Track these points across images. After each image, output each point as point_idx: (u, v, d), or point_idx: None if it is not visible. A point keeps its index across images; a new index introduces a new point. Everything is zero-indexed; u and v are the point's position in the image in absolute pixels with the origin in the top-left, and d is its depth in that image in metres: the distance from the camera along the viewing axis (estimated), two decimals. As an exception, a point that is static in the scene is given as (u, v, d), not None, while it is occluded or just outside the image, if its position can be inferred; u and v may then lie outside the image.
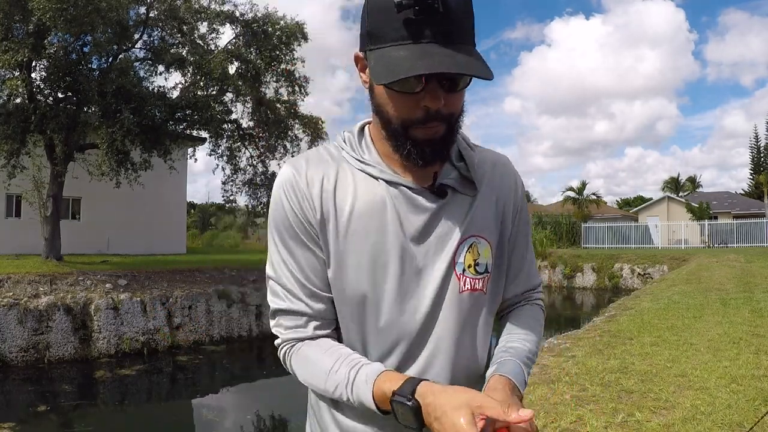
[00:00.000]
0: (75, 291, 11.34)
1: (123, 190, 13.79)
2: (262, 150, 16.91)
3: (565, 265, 23.70)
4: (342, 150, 1.01)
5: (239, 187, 16.99)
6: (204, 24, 14.73)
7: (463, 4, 0.86)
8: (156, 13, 14.01)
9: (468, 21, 0.87)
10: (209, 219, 44.55)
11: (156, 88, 14.34)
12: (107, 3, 11.48)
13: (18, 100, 12.34)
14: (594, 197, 37.85)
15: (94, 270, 12.60)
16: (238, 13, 15.07)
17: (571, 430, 3.30)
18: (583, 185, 38.51)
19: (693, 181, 49.77)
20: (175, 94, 14.44)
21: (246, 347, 13.15)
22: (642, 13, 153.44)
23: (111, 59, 13.44)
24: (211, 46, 14.87)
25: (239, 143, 16.63)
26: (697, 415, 3.45)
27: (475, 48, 0.88)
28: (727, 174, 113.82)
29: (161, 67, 14.83)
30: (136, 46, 14.39)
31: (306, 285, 0.97)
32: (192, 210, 43.23)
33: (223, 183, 16.82)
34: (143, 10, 13.94)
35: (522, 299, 1.13)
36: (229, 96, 15.24)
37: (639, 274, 21.66)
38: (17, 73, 11.82)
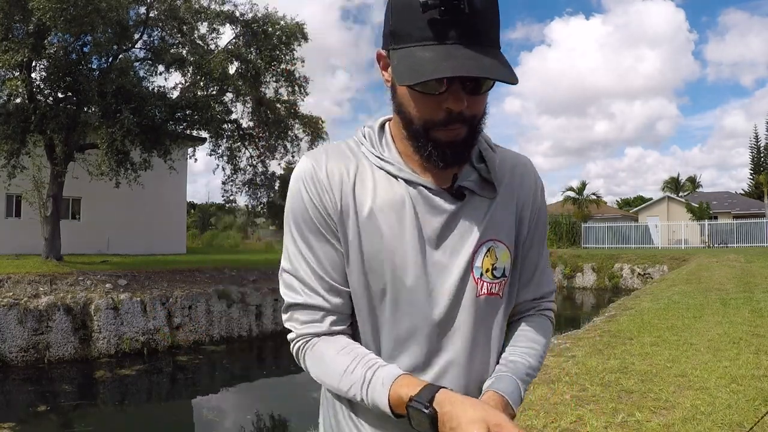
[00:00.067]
0: (75, 291, 11.34)
1: (123, 190, 13.79)
2: (262, 150, 16.92)
3: (565, 265, 23.70)
4: (361, 145, 0.99)
5: (239, 187, 17.03)
6: (204, 24, 14.75)
7: (490, 5, 0.84)
8: (156, 13, 14.01)
9: (494, 23, 0.85)
10: (209, 219, 44.56)
11: (156, 88, 14.37)
12: (107, 3, 11.48)
13: (18, 100, 12.35)
14: (594, 197, 37.82)
15: (94, 270, 12.60)
16: (238, 13, 15.11)
17: (571, 430, 3.30)
18: (583, 185, 38.48)
19: (693, 181, 49.72)
20: (175, 94, 14.46)
21: (246, 347, 13.15)
22: (642, 13, 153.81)
23: (111, 59, 13.45)
24: (211, 46, 14.89)
25: (239, 143, 16.64)
26: (697, 415, 3.45)
27: (500, 50, 0.87)
28: (727, 174, 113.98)
29: (161, 67, 14.85)
30: (136, 46, 14.41)
31: (324, 278, 0.95)
32: (192, 210, 43.22)
33: (223, 183, 16.87)
34: (143, 10, 13.95)
35: (531, 307, 1.09)
36: (229, 96, 15.26)
37: (639, 274, 21.66)
38: (17, 73, 11.83)
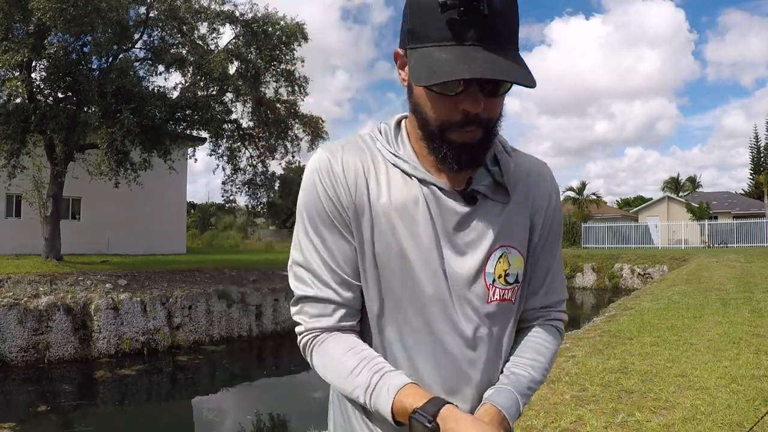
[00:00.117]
0: (75, 291, 11.34)
1: (123, 190, 13.79)
2: (262, 150, 16.91)
3: (565, 265, 23.68)
4: (377, 141, 0.98)
5: (239, 187, 17.01)
6: (204, 24, 14.74)
7: (509, 6, 0.83)
8: (156, 13, 14.01)
9: (513, 24, 0.85)
10: (209, 219, 44.61)
11: (156, 88, 14.35)
12: (107, 3, 11.48)
13: (18, 100, 12.34)
14: (594, 197, 37.84)
15: (94, 270, 12.60)
16: (238, 13, 15.09)
17: (571, 430, 3.30)
18: (583, 185, 38.50)
19: (693, 181, 49.70)
20: (175, 94, 14.46)
21: (246, 347, 13.14)
22: (642, 13, 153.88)
23: (111, 59, 13.44)
24: (211, 46, 14.88)
25: (239, 143, 16.63)
26: (697, 415, 3.45)
27: (518, 52, 0.86)
28: (727, 174, 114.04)
29: (161, 67, 14.84)
30: (136, 46, 14.41)
31: (337, 272, 0.94)
32: (192, 210, 43.25)
33: (223, 183, 16.85)
34: (143, 10, 13.94)
35: (540, 315, 1.06)
36: (229, 96, 15.25)
37: (639, 274, 21.66)
38: (17, 73, 11.83)
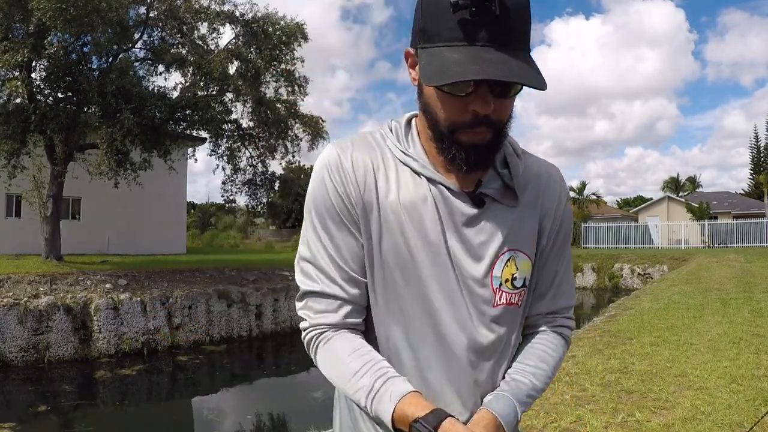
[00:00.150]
0: (75, 291, 11.34)
1: (123, 190, 13.80)
2: (262, 150, 16.92)
3: (566, 265, 23.66)
4: (386, 138, 0.98)
5: (239, 187, 17.03)
6: (204, 24, 14.74)
7: (521, 7, 0.83)
8: (156, 13, 14.01)
9: (525, 25, 0.84)
10: (209, 219, 44.63)
11: (156, 88, 14.36)
12: (107, 3, 11.48)
13: (18, 100, 12.34)
14: (594, 197, 37.85)
15: (94, 270, 12.60)
16: (238, 13, 15.11)
17: (571, 430, 3.29)
18: (583, 185, 38.52)
19: (693, 181, 49.70)
20: (175, 94, 14.46)
21: (246, 347, 13.14)
22: (642, 13, 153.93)
23: (111, 59, 13.44)
24: (211, 46, 14.89)
25: (239, 143, 16.63)
26: (697, 415, 3.45)
27: (530, 53, 0.85)
28: (727, 174, 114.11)
29: (161, 67, 14.85)
30: (136, 46, 14.41)
31: (344, 268, 0.94)
32: (192, 210, 43.27)
33: (223, 183, 16.87)
34: (143, 10, 13.94)
35: (546, 321, 1.05)
36: (229, 96, 15.25)
37: (639, 274, 21.65)
38: (17, 74, 11.84)
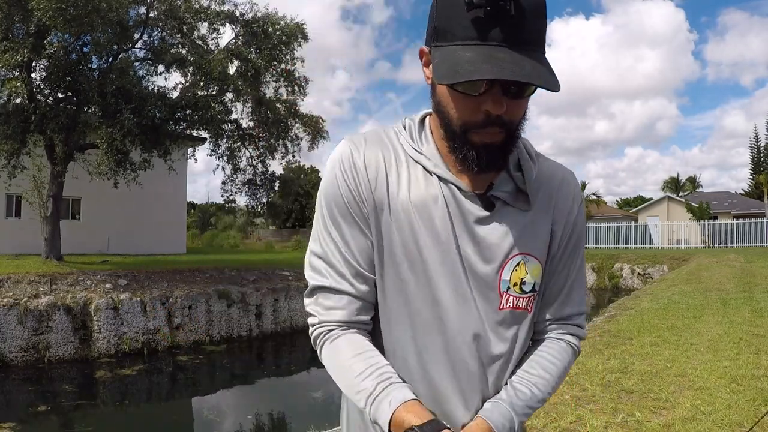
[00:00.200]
0: (75, 291, 11.34)
1: (123, 190, 13.80)
2: (262, 150, 16.92)
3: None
4: (400, 136, 0.97)
5: (239, 187, 17.04)
6: (204, 24, 14.75)
7: (536, 7, 0.82)
8: (156, 13, 14.01)
9: (540, 25, 0.83)
10: (209, 219, 44.62)
11: (156, 88, 14.36)
12: (107, 3, 11.48)
13: (18, 100, 12.34)
14: (594, 197, 37.81)
15: (94, 270, 12.60)
16: (238, 13, 15.11)
17: (571, 430, 3.29)
18: (583, 185, 38.45)
19: (693, 181, 49.71)
20: (175, 94, 14.46)
21: (246, 347, 13.14)
22: (642, 13, 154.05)
23: (111, 59, 13.44)
24: (211, 46, 14.89)
25: (239, 143, 16.63)
26: (697, 415, 3.45)
27: (545, 53, 0.84)
28: (727, 174, 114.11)
29: (161, 67, 14.85)
30: (136, 46, 14.41)
31: (353, 264, 0.94)
32: (192, 210, 43.28)
33: (223, 183, 16.88)
34: (143, 10, 13.94)
35: (553, 329, 1.03)
36: (229, 96, 15.25)
37: (639, 274, 21.64)
38: (17, 73, 11.83)
